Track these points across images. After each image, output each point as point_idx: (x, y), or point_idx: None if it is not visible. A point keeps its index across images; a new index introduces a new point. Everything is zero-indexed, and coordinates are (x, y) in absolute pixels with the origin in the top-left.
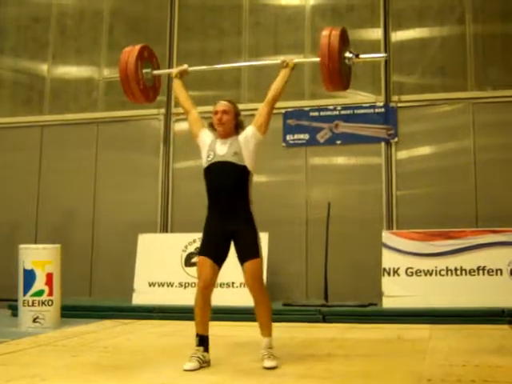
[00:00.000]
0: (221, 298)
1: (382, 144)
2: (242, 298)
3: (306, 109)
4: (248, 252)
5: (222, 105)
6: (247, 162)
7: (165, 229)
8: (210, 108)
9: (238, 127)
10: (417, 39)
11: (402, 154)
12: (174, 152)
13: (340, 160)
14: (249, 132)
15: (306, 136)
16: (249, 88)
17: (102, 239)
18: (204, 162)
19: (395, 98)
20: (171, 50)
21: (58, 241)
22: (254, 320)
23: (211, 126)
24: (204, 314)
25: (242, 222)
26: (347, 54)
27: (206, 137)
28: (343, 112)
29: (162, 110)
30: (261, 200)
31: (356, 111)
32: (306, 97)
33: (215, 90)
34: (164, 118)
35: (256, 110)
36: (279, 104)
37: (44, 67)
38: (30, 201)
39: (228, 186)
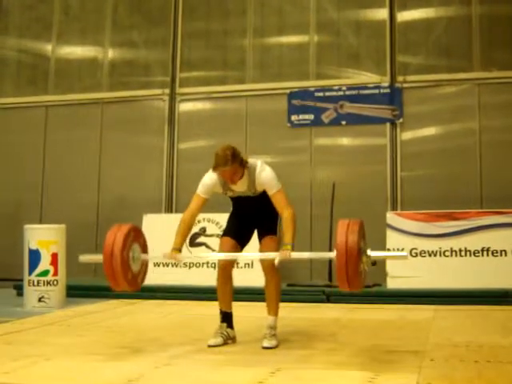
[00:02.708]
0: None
1: (387, 125)
2: (244, 277)
3: (311, 89)
4: (268, 229)
5: (224, 172)
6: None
7: (169, 209)
8: (215, 88)
9: (243, 166)
10: (422, 20)
11: (407, 135)
12: (179, 132)
13: (345, 140)
14: (264, 187)
15: (311, 116)
16: (253, 68)
17: (106, 219)
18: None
19: (400, 78)
20: (175, 31)
21: (62, 221)
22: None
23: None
24: (225, 291)
25: (263, 213)
26: (367, 253)
27: (212, 187)
28: (348, 92)
29: (167, 91)
30: None
31: (361, 91)
32: (310, 77)
33: (220, 70)
34: (168, 99)
35: (260, 90)
36: (283, 84)
37: (48, 47)
38: (35, 181)
39: (252, 212)
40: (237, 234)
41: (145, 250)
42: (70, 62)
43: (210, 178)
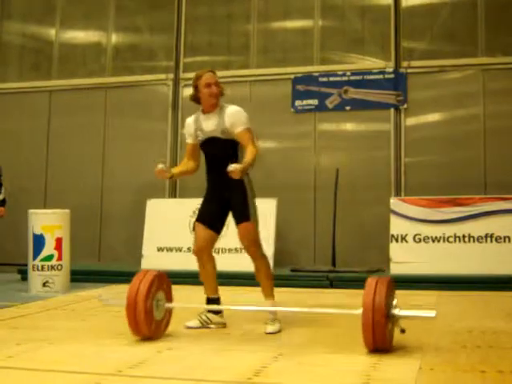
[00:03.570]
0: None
1: (392, 110)
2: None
3: (315, 74)
4: (240, 216)
5: (213, 76)
6: (233, 135)
7: (173, 194)
8: (218, 73)
9: (221, 94)
10: (427, 4)
11: (411, 121)
12: (183, 117)
13: (349, 126)
14: (233, 122)
15: (315, 102)
16: (257, 53)
17: (110, 204)
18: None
19: (405, 63)
20: (179, 16)
21: (66, 206)
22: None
23: (194, 100)
24: (205, 276)
25: (234, 188)
26: (393, 311)
27: (189, 128)
28: (353, 78)
29: (171, 75)
30: (269, 166)
31: (365, 77)
32: (315, 62)
33: (224, 55)
34: (172, 84)
35: (264, 75)
36: (287, 69)
37: (52, 32)
38: (39, 166)
39: (219, 158)
40: (211, 220)
41: (169, 297)
42: (74, 47)
43: (188, 119)
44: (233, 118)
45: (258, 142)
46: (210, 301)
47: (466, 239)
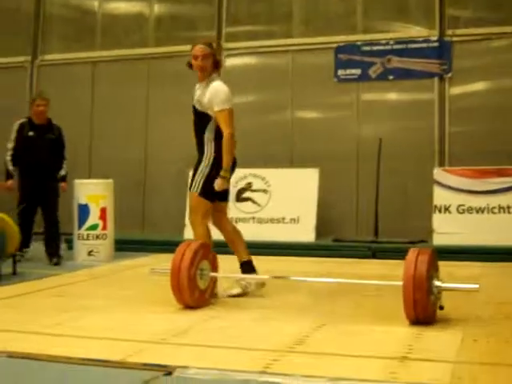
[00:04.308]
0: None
1: (436, 79)
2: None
3: (358, 43)
4: (190, 185)
5: (201, 49)
6: (208, 110)
7: None
8: (261, 43)
9: (217, 66)
10: None
11: (456, 90)
12: None
13: (392, 95)
14: (210, 98)
15: (358, 71)
16: (300, 22)
17: (153, 175)
18: None
19: (449, 31)
20: None
21: (111, 176)
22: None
23: (189, 67)
24: (231, 242)
25: (198, 162)
26: (436, 284)
27: None
28: (396, 46)
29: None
30: (311, 136)
31: (409, 45)
32: (357, 31)
33: (266, 24)
34: None
35: (307, 44)
36: (330, 38)
37: (95, 3)
38: (84, 137)
39: (195, 128)
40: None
41: (214, 267)
42: (116, 18)
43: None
44: (211, 95)
45: (233, 123)
46: (244, 264)
47: (511, 210)
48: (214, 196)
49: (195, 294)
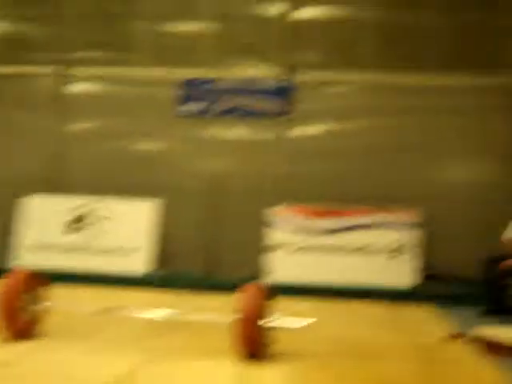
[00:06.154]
0: None
1: (276, 120)
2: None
3: (203, 78)
4: None
5: None
6: None
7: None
8: (102, 70)
9: None
10: (318, 17)
11: (296, 131)
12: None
13: (233, 133)
14: None
15: (201, 106)
16: (146, 52)
17: None
18: None
19: (296, 73)
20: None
21: None
22: None
23: None
24: None
25: None
26: (268, 321)
27: None
28: (240, 85)
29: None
30: (152, 168)
31: (254, 85)
32: (203, 66)
33: (109, 51)
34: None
35: (152, 76)
36: (174, 71)
37: None
38: None
39: None
40: None
41: (41, 297)
42: None
43: None
44: None
45: None
46: None
47: (345, 250)
48: None
49: (18, 324)
